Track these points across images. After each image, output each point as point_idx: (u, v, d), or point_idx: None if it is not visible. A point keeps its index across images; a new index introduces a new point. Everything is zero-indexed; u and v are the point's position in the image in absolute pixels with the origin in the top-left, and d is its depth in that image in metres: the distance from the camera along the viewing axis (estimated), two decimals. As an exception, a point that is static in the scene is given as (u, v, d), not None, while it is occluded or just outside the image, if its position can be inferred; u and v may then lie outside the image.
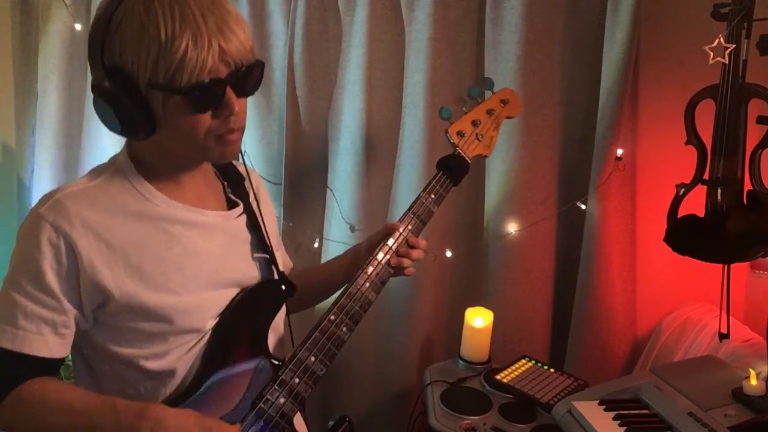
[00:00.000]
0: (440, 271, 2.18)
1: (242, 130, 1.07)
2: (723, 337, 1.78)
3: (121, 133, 1.05)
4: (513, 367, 1.97)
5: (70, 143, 2.43)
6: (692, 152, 1.77)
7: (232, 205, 1.20)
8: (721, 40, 1.63)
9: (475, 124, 1.42)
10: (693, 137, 1.77)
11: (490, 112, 1.44)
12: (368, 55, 2.05)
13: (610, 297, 2.06)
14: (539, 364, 2.00)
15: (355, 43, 2.06)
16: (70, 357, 1.11)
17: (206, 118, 1.02)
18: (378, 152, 2.14)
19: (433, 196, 1.34)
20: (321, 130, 2.19)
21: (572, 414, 1.57)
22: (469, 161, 1.41)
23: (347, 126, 2.12)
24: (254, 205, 1.22)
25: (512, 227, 2.08)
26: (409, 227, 1.30)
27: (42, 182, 2.47)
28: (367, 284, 1.23)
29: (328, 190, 2.20)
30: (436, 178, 1.36)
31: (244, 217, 1.20)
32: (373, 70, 2.07)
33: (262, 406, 1.12)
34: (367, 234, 2.16)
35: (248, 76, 1.04)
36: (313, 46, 2.10)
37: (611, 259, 2.04)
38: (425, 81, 2.03)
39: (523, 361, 2.01)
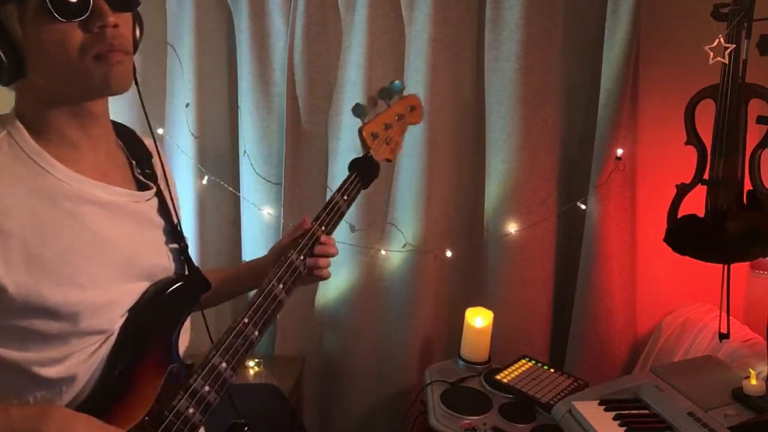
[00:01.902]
0: (440, 271, 2.18)
1: (128, 53, 0.93)
2: (723, 337, 1.78)
3: None
4: (513, 367, 1.97)
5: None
6: (692, 152, 1.77)
7: (142, 187, 1.06)
8: (721, 40, 1.63)
9: (387, 127, 1.40)
10: (693, 137, 1.77)
11: (399, 117, 1.43)
12: (368, 55, 2.05)
13: (610, 297, 2.06)
14: (539, 364, 2.00)
15: (355, 43, 2.06)
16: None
17: (74, 31, 0.88)
18: (378, 152, 2.14)
19: (345, 197, 1.32)
20: (321, 130, 2.19)
21: (572, 414, 1.57)
22: (378, 165, 1.39)
23: (347, 126, 2.12)
24: (163, 186, 1.09)
25: (512, 227, 2.08)
26: (322, 228, 1.27)
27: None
28: (281, 285, 1.16)
29: (328, 190, 2.20)
30: (350, 179, 1.34)
31: (155, 201, 1.07)
32: (373, 70, 2.07)
33: (173, 419, 0.98)
34: (367, 234, 2.17)
35: None
36: (313, 46, 2.10)
37: (611, 259, 2.04)
38: (425, 81, 2.02)
39: (523, 361, 2.01)
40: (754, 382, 1.51)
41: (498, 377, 1.91)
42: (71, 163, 0.95)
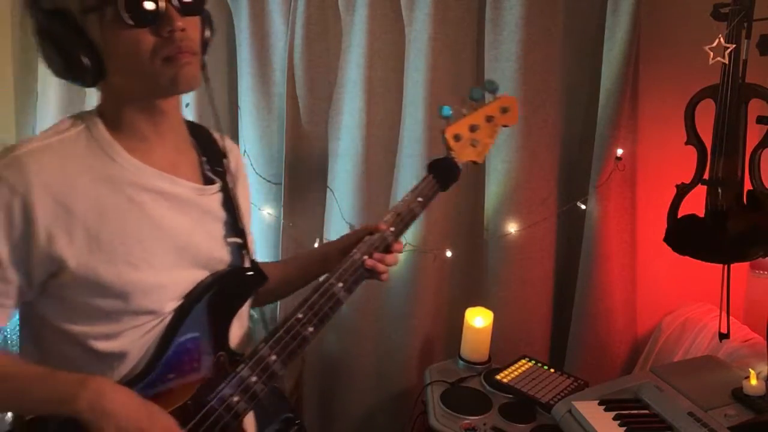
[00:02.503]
0: (440, 271, 2.18)
1: (196, 54, 1.00)
2: (723, 337, 1.78)
3: (69, 76, 1.00)
4: (513, 367, 1.97)
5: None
6: (692, 152, 1.77)
7: (208, 182, 1.12)
8: (721, 40, 1.63)
9: (472, 129, 1.35)
10: (693, 137, 1.77)
11: (489, 118, 1.37)
12: (368, 55, 2.05)
13: (610, 297, 2.06)
14: (539, 364, 2.00)
15: (355, 43, 2.06)
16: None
17: (146, 36, 0.96)
18: (378, 152, 2.14)
19: (420, 198, 1.28)
20: (321, 130, 2.19)
21: (572, 414, 1.57)
22: (461, 167, 1.35)
23: (347, 126, 2.12)
24: (231, 184, 1.15)
25: (512, 227, 2.08)
26: (392, 229, 1.25)
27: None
28: (341, 284, 1.17)
29: (328, 190, 2.20)
30: (426, 180, 1.31)
31: (219, 196, 1.12)
32: (373, 70, 2.07)
33: (214, 405, 1.04)
34: (367, 234, 2.17)
35: None
36: (313, 46, 2.10)
37: (611, 259, 2.04)
38: (425, 81, 2.02)
39: (523, 361, 2.01)
40: (754, 382, 1.51)
41: (498, 377, 1.91)
42: (140, 154, 1.03)
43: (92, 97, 2.27)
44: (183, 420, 1.01)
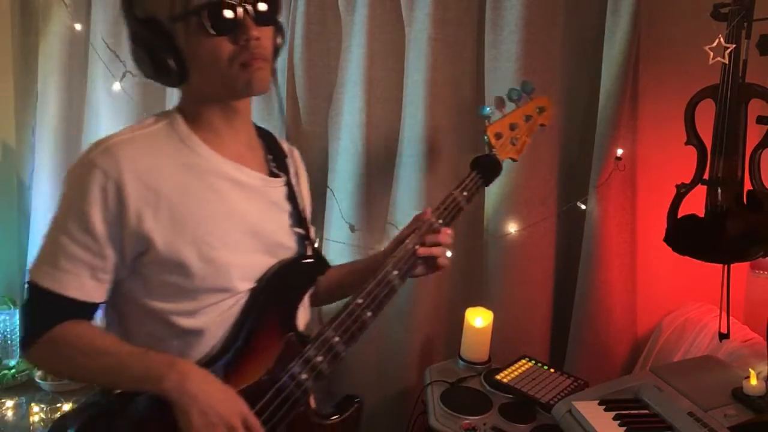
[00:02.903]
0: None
1: (268, 60, 1.11)
2: (723, 337, 1.78)
3: (156, 77, 1.12)
4: (513, 367, 1.97)
5: (70, 143, 2.42)
6: (692, 152, 1.77)
7: (273, 176, 1.23)
8: (721, 40, 1.63)
9: (512, 127, 1.44)
10: (693, 137, 1.77)
11: (527, 118, 1.45)
12: (368, 55, 2.05)
13: (610, 297, 2.06)
14: (539, 364, 2.00)
15: (355, 43, 2.06)
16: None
17: (225, 44, 1.07)
18: (378, 152, 2.14)
19: (465, 193, 1.38)
20: (321, 130, 2.19)
21: (572, 414, 1.57)
22: (501, 164, 1.43)
23: (347, 126, 2.12)
24: (294, 182, 1.27)
25: (512, 227, 2.08)
26: (440, 221, 1.33)
27: (42, 182, 2.47)
28: (396, 272, 1.27)
29: (328, 190, 2.20)
30: (470, 176, 1.40)
31: (284, 189, 1.23)
32: (373, 70, 2.07)
33: (287, 380, 1.15)
34: (367, 234, 2.17)
35: (263, 3, 1.09)
36: (313, 46, 2.10)
37: (611, 259, 2.04)
38: (425, 81, 2.02)
39: (523, 361, 2.01)
40: (754, 382, 1.51)
41: (498, 377, 1.91)
42: (215, 146, 1.15)
43: (92, 97, 2.29)
44: (258, 394, 1.12)
